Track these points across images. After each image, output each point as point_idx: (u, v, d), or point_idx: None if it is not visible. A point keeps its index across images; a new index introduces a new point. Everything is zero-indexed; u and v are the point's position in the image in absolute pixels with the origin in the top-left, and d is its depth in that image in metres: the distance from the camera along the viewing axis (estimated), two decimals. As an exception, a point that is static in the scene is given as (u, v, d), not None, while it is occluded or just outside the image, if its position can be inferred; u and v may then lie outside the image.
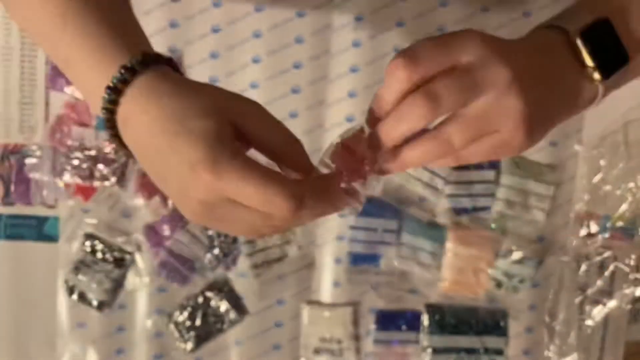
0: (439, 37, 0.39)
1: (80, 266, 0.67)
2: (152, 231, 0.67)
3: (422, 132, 0.39)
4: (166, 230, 0.67)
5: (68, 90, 0.65)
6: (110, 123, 0.39)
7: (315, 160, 0.39)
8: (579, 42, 0.42)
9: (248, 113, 0.38)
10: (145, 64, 0.39)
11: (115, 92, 0.38)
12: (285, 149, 0.38)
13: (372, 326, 0.68)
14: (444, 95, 0.37)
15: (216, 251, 0.67)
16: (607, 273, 0.68)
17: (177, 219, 0.67)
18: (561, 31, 0.42)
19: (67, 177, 0.66)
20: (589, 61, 0.42)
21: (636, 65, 0.45)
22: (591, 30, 0.42)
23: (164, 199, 0.66)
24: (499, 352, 0.68)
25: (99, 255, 0.67)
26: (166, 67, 0.40)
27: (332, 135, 0.66)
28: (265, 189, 0.34)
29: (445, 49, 0.38)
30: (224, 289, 0.68)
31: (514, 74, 0.38)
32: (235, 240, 0.67)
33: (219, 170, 0.35)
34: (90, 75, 0.40)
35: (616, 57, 0.44)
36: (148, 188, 0.66)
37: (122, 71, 0.38)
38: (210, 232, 0.67)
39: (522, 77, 0.38)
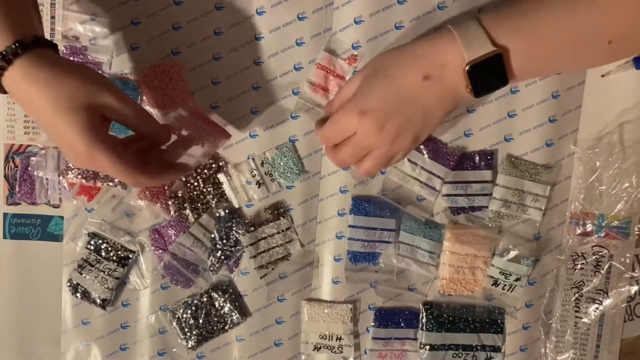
0: (336, 122, 0.58)
1: (84, 265, 0.68)
2: (158, 235, 0.68)
3: None
4: (172, 235, 0.68)
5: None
6: None
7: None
8: (467, 70, 0.54)
9: (109, 103, 0.51)
10: (24, 48, 0.49)
11: (4, 60, 0.49)
12: (138, 126, 0.54)
13: (371, 323, 0.69)
14: (346, 158, 0.60)
15: (219, 254, 0.67)
16: (602, 271, 0.68)
17: (182, 224, 0.68)
18: (460, 53, 0.54)
19: (71, 177, 0.66)
20: (468, 85, 0.55)
21: (535, 70, 0.58)
22: (481, 64, 0.53)
23: (167, 205, 0.67)
24: (496, 349, 0.69)
25: (103, 253, 0.68)
26: (42, 50, 0.50)
27: (332, 136, 0.67)
28: (120, 171, 0.52)
29: (341, 133, 0.58)
30: (228, 290, 0.68)
31: (386, 138, 0.57)
32: (237, 242, 0.68)
33: (93, 156, 0.50)
34: None
35: (494, 85, 0.55)
36: (149, 192, 0.67)
37: (1, 55, 0.49)
38: (213, 235, 0.67)
39: (395, 131, 0.57)
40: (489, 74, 0.54)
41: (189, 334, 0.69)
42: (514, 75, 0.55)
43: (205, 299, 0.68)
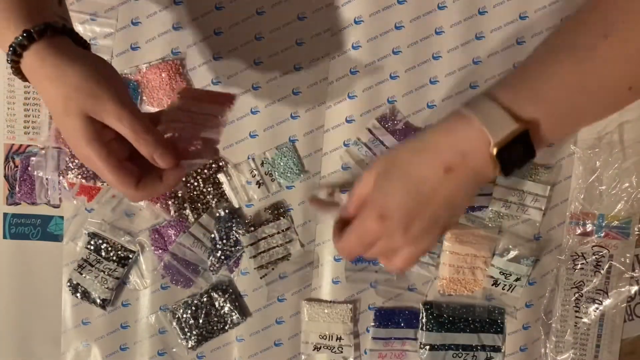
0: (355, 232, 0.52)
1: (84, 265, 0.68)
2: (158, 235, 0.68)
3: None
4: (172, 235, 0.68)
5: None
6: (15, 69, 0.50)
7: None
8: (494, 152, 0.48)
9: (102, 115, 0.47)
10: (30, 39, 0.47)
11: (15, 54, 0.48)
12: (134, 145, 0.49)
13: (371, 323, 0.69)
14: (373, 257, 0.54)
15: (219, 254, 0.67)
16: (602, 271, 0.68)
17: (182, 224, 0.68)
18: (483, 137, 0.48)
19: (71, 177, 0.66)
20: (496, 167, 0.49)
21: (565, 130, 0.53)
22: (508, 144, 0.48)
23: (167, 205, 0.67)
24: (496, 349, 0.69)
25: (103, 253, 0.68)
26: (52, 39, 0.48)
27: (332, 136, 0.67)
28: (114, 181, 0.49)
29: (363, 242, 0.52)
30: (228, 290, 0.68)
31: (413, 237, 0.52)
32: (237, 242, 0.68)
33: (89, 161, 0.48)
34: None
35: (524, 159, 0.50)
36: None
37: (12, 47, 0.47)
38: (213, 235, 0.67)
39: (420, 229, 0.52)
40: (516, 151, 0.50)
41: (189, 334, 0.69)
42: (541, 144, 0.51)
43: (205, 299, 0.68)
